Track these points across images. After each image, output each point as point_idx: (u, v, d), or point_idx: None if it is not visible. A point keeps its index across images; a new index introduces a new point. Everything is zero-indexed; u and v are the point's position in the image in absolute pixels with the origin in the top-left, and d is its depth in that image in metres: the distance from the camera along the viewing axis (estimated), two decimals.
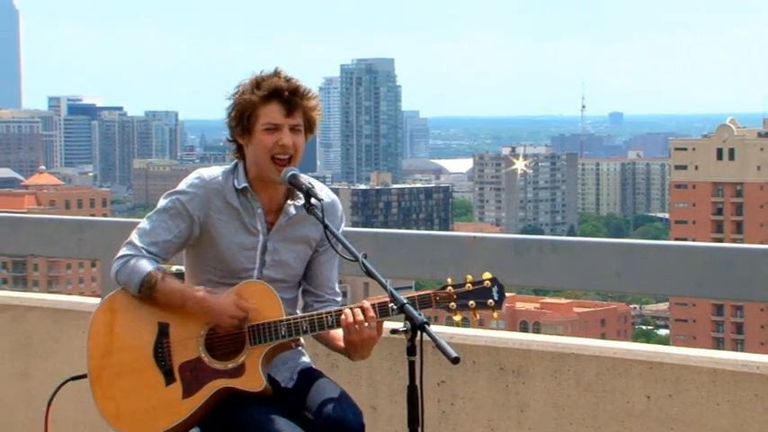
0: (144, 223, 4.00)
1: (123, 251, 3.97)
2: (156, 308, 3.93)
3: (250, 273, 3.98)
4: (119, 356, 3.93)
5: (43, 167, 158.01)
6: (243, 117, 3.93)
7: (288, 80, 3.92)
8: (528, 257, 4.98)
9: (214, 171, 4.02)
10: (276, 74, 3.94)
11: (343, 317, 3.79)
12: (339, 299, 4.05)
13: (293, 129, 3.92)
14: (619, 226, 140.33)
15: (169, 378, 3.88)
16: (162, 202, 3.99)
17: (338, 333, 3.93)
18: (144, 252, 3.94)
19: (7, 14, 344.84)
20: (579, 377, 4.58)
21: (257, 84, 3.91)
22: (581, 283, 5.42)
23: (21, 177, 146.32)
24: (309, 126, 3.98)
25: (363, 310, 3.76)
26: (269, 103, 3.89)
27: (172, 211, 3.97)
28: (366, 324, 3.76)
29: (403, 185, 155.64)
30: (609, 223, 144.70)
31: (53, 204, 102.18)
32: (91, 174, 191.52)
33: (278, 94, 3.89)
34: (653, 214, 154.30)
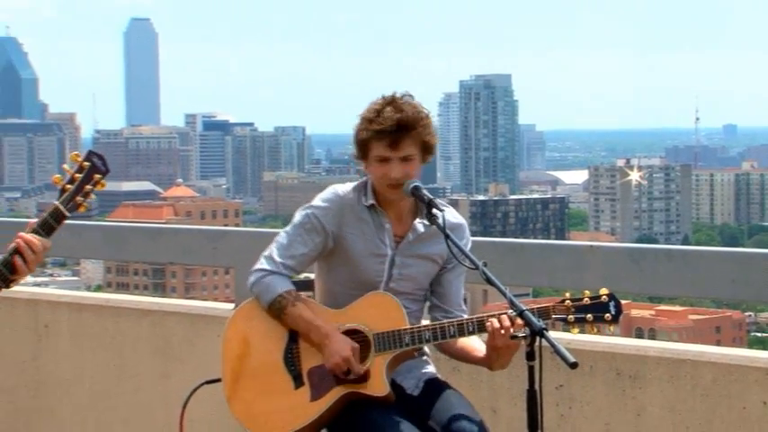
0: (281, 237, 4.03)
1: (262, 264, 4.00)
2: None
3: (377, 285, 3.99)
4: (251, 361, 3.98)
5: (180, 180, 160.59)
6: (359, 147, 3.96)
7: (400, 111, 3.90)
8: (643, 266, 4.91)
9: (347, 187, 4.04)
10: (390, 102, 3.92)
11: (488, 323, 3.76)
12: (465, 315, 4.02)
13: (404, 159, 3.92)
14: (733, 235, 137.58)
15: (298, 382, 3.91)
16: (297, 217, 4.02)
17: (474, 344, 3.92)
18: (281, 267, 3.98)
19: (148, 37, 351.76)
20: (695, 383, 4.50)
21: (370, 119, 3.92)
22: (696, 291, 5.32)
23: (159, 190, 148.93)
24: (426, 149, 3.97)
25: (511, 319, 3.72)
26: (378, 138, 3.90)
27: (307, 225, 4.00)
28: (512, 330, 3.73)
29: (520, 196, 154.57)
30: (723, 232, 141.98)
31: (189, 215, 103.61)
32: (224, 186, 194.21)
33: (384, 132, 3.88)
34: (767, 224, 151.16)
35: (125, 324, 5.77)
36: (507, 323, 3.74)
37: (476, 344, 3.95)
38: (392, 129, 3.88)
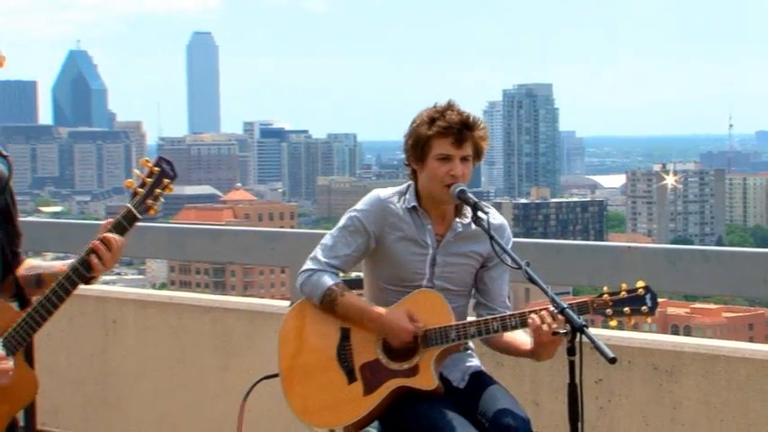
0: (327, 239, 4.05)
1: (308, 265, 4.02)
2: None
3: (420, 282, 3.99)
4: (306, 357, 3.99)
5: (239, 185, 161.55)
6: (418, 147, 3.94)
7: (460, 114, 3.92)
8: (680, 266, 4.87)
9: (389, 191, 4.05)
10: (449, 107, 3.94)
11: (530, 320, 3.74)
12: (509, 311, 4.00)
13: (463, 159, 3.92)
14: (765, 237, 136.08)
15: (351, 377, 3.91)
16: (342, 220, 4.05)
17: (517, 338, 3.90)
18: (326, 266, 4.00)
19: (209, 50, 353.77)
20: (730, 378, 4.45)
21: (432, 119, 3.91)
22: (730, 289, 5.27)
23: (220, 194, 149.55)
24: (477, 154, 3.98)
25: (552, 314, 3.70)
26: (442, 136, 3.89)
27: (351, 228, 4.02)
28: (555, 325, 3.70)
29: (561, 199, 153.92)
30: (756, 234, 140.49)
31: (248, 217, 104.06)
32: (280, 190, 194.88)
33: (450, 129, 3.88)
34: None
35: (187, 320, 5.80)
36: (549, 320, 3.72)
37: (522, 337, 3.92)
38: (457, 127, 3.89)
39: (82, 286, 3.33)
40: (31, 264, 3.45)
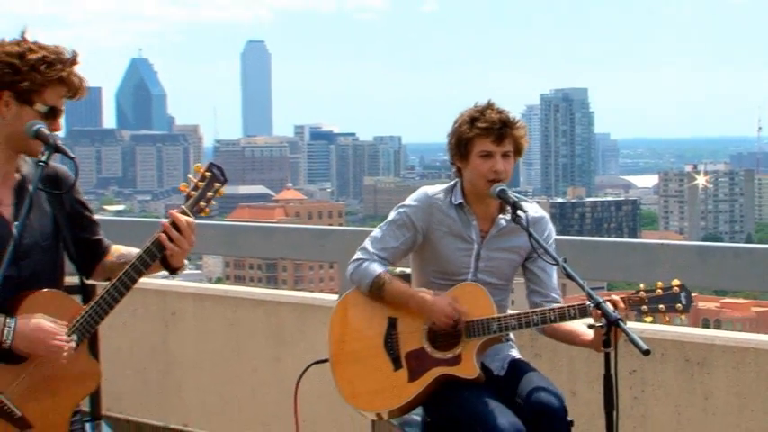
0: (376, 232, 4.06)
1: (358, 255, 4.03)
2: (385, 305, 3.98)
3: (465, 276, 3.98)
4: (355, 345, 3.99)
5: (290, 185, 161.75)
6: (461, 145, 3.94)
7: (499, 113, 3.92)
8: (710, 262, 4.83)
9: (436, 188, 4.05)
10: (489, 106, 3.94)
11: (593, 312, 3.67)
12: (561, 299, 3.99)
13: (504, 155, 3.91)
14: None
15: (397, 364, 3.91)
16: (391, 215, 4.05)
17: (580, 329, 3.83)
18: (375, 257, 4.00)
19: (262, 57, 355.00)
20: (759, 369, 4.40)
21: (473, 118, 3.91)
22: (759, 285, 5.21)
23: (272, 193, 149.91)
24: (518, 150, 3.97)
25: (613, 303, 3.64)
26: (483, 135, 3.89)
27: (399, 222, 4.02)
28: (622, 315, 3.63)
29: (596, 199, 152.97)
30: None
31: (298, 216, 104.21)
32: (329, 190, 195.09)
33: (491, 128, 3.88)
34: None
35: (242, 312, 5.83)
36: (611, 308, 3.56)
37: (582, 328, 3.86)
38: (497, 125, 3.89)
39: (144, 280, 3.35)
40: (120, 251, 3.48)
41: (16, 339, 3.07)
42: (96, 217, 3.52)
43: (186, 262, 3.38)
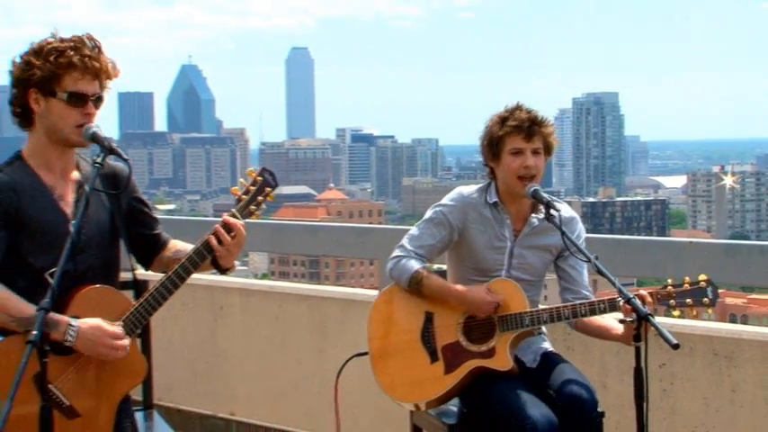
0: (414, 230, 4.06)
1: (397, 252, 4.03)
2: (422, 300, 3.97)
3: (499, 272, 3.97)
4: (393, 339, 3.99)
5: (332, 185, 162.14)
6: (492, 145, 3.93)
7: (528, 112, 3.92)
8: (738, 260, 4.77)
9: (471, 188, 4.04)
10: (518, 107, 3.94)
11: (623, 306, 3.65)
12: (592, 296, 3.96)
13: (534, 152, 3.90)
14: None
15: (433, 357, 3.90)
16: (428, 213, 4.04)
17: (611, 323, 3.82)
18: (413, 254, 4.00)
19: (305, 63, 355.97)
20: None
21: (503, 119, 3.91)
22: None
23: (315, 193, 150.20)
24: (547, 149, 3.96)
25: (641, 297, 3.61)
26: (513, 133, 3.89)
27: (436, 220, 4.01)
28: (622, 316, 3.62)
29: (626, 198, 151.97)
30: None
31: (339, 214, 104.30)
32: (369, 190, 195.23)
33: (520, 126, 3.88)
34: None
35: (287, 307, 5.84)
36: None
37: (612, 323, 3.85)
38: (527, 123, 3.89)
39: (195, 276, 3.36)
40: (177, 247, 3.49)
41: (78, 340, 3.09)
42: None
43: (236, 263, 3.38)
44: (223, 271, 3.34)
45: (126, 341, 3.17)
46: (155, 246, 3.48)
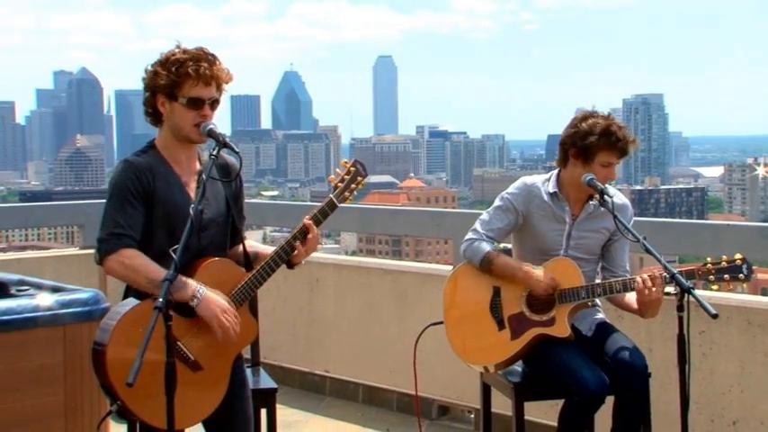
0: (484, 216, 4.02)
1: (470, 235, 4.00)
2: (491, 276, 3.94)
3: (558, 252, 3.92)
4: (465, 309, 3.97)
5: (412, 174, 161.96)
6: (587, 151, 3.80)
7: (620, 128, 3.81)
8: None
9: (535, 178, 4.00)
10: (611, 121, 3.82)
11: (636, 284, 3.66)
12: (628, 275, 3.90)
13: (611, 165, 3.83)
14: None
15: (501, 326, 3.88)
16: (497, 201, 4.01)
17: (631, 298, 3.82)
18: (484, 236, 3.97)
19: (390, 69, 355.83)
20: None
21: (607, 132, 3.78)
22: None
23: (397, 182, 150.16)
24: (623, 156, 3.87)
25: (652, 279, 3.60)
26: (612, 150, 3.79)
27: (503, 207, 3.98)
28: (654, 288, 3.61)
29: (669, 187, 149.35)
30: None
31: (419, 200, 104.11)
32: (444, 179, 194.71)
33: (623, 148, 3.80)
34: None
35: (373, 280, 5.85)
36: (650, 283, 3.63)
37: (631, 297, 3.84)
38: (625, 147, 3.82)
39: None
40: (250, 243, 3.52)
41: (201, 304, 3.13)
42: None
43: (303, 262, 3.39)
44: (291, 266, 3.37)
45: (232, 324, 3.17)
46: (235, 238, 3.49)
